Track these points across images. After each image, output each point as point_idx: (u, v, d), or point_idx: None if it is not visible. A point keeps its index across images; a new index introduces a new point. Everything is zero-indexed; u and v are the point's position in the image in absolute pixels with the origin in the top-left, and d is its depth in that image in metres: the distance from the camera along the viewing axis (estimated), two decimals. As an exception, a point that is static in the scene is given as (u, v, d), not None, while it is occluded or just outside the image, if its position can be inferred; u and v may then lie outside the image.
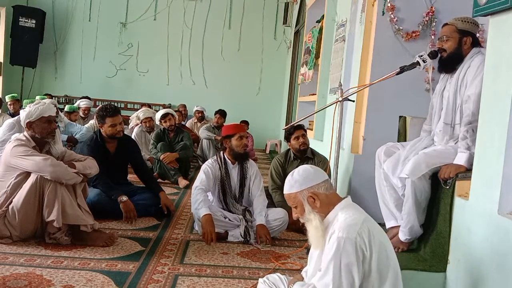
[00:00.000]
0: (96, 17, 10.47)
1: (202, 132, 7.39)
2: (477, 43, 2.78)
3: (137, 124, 6.65)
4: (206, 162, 3.75)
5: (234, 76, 10.74)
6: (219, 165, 3.66)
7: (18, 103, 6.65)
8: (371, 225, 1.80)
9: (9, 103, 6.60)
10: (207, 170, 3.62)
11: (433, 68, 3.81)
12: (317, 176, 1.91)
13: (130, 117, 7.48)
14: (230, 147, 3.63)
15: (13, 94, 6.94)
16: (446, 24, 2.83)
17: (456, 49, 2.76)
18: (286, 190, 1.94)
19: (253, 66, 10.77)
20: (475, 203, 2.26)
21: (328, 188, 1.90)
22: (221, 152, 3.73)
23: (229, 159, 3.68)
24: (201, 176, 3.60)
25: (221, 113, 7.75)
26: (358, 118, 4.29)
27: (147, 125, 6.26)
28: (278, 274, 2.14)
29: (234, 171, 3.70)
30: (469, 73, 2.68)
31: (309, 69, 7.06)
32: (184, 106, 9.35)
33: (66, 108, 7.10)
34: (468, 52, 2.75)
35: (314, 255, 1.94)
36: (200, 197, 3.44)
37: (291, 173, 1.96)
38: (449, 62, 2.80)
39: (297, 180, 1.90)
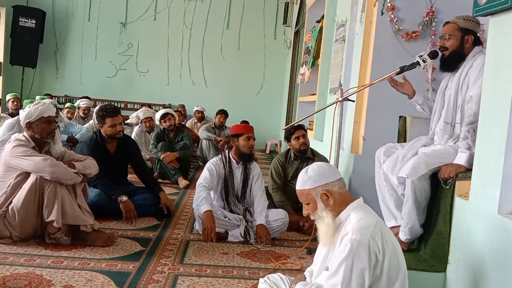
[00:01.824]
0: (96, 17, 10.47)
1: (202, 133, 7.38)
2: (478, 41, 2.78)
3: (136, 124, 6.65)
4: (211, 160, 3.78)
5: (234, 76, 10.73)
6: (223, 163, 3.68)
7: (19, 101, 6.69)
8: (383, 227, 1.79)
9: (11, 100, 6.62)
10: (211, 168, 3.64)
11: (433, 68, 3.81)
12: (331, 173, 1.89)
13: (130, 116, 7.46)
14: (237, 146, 3.66)
15: (14, 93, 6.97)
16: (447, 22, 2.83)
17: (458, 47, 2.75)
18: (299, 186, 1.91)
19: (253, 66, 10.77)
20: (475, 203, 2.26)
21: (342, 187, 1.88)
22: (227, 151, 3.76)
23: (234, 159, 3.70)
24: (205, 174, 3.62)
25: (224, 113, 7.77)
26: (358, 118, 4.29)
27: (147, 125, 6.26)
28: (279, 273, 2.13)
29: (238, 171, 3.71)
30: (472, 73, 2.67)
31: (308, 69, 7.05)
32: (183, 106, 9.35)
33: (67, 104, 7.16)
34: (470, 50, 2.75)
35: (322, 253, 1.92)
36: (203, 194, 3.47)
37: (305, 169, 1.93)
38: (450, 61, 2.80)
39: (311, 176, 1.88)
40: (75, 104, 7.52)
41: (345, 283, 1.67)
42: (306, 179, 1.88)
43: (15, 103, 6.60)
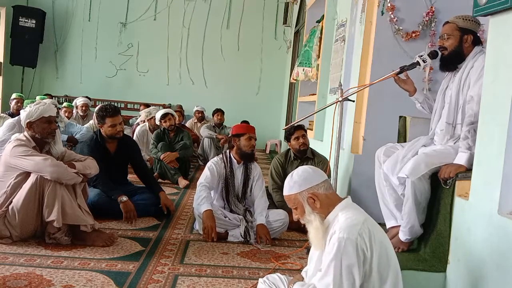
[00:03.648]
0: (96, 17, 10.47)
1: (204, 131, 7.39)
2: (478, 41, 2.77)
3: (143, 121, 6.65)
4: (212, 160, 3.79)
5: (234, 76, 10.74)
6: (224, 163, 3.69)
7: (22, 102, 6.69)
8: (372, 225, 1.80)
9: (16, 100, 6.62)
10: (212, 168, 3.65)
11: (431, 68, 3.81)
12: (316, 176, 1.91)
13: (140, 113, 7.44)
14: (238, 146, 3.67)
15: (20, 94, 6.98)
16: (447, 22, 2.83)
17: (457, 47, 2.75)
18: (286, 191, 1.93)
19: (253, 66, 10.77)
20: (475, 203, 2.26)
21: (328, 188, 1.90)
22: (227, 151, 3.76)
23: (235, 158, 3.71)
24: (206, 173, 3.63)
25: (220, 111, 7.81)
26: (358, 118, 4.29)
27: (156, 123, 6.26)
28: (278, 274, 2.13)
29: (238, 171, 3.72)
30: (473, 73, 2.67)
31: (298, 66, 7.04)
32: (181, 106, 9.35)
33: (64, 104, 7.16)
34: (469, 50, 2.75)
35: (315, 256, 1.94)
36: (203, 193, 3.47)
37: (290, 174, 1.95)
38: (450, 60, 2.80)
39: (296, 181, 1.89)
40: (73, 104, 7.51)
41: (337, 282, 1.68)
42: (292, 184, 1.90)
43: (18, 104, 6.60)
